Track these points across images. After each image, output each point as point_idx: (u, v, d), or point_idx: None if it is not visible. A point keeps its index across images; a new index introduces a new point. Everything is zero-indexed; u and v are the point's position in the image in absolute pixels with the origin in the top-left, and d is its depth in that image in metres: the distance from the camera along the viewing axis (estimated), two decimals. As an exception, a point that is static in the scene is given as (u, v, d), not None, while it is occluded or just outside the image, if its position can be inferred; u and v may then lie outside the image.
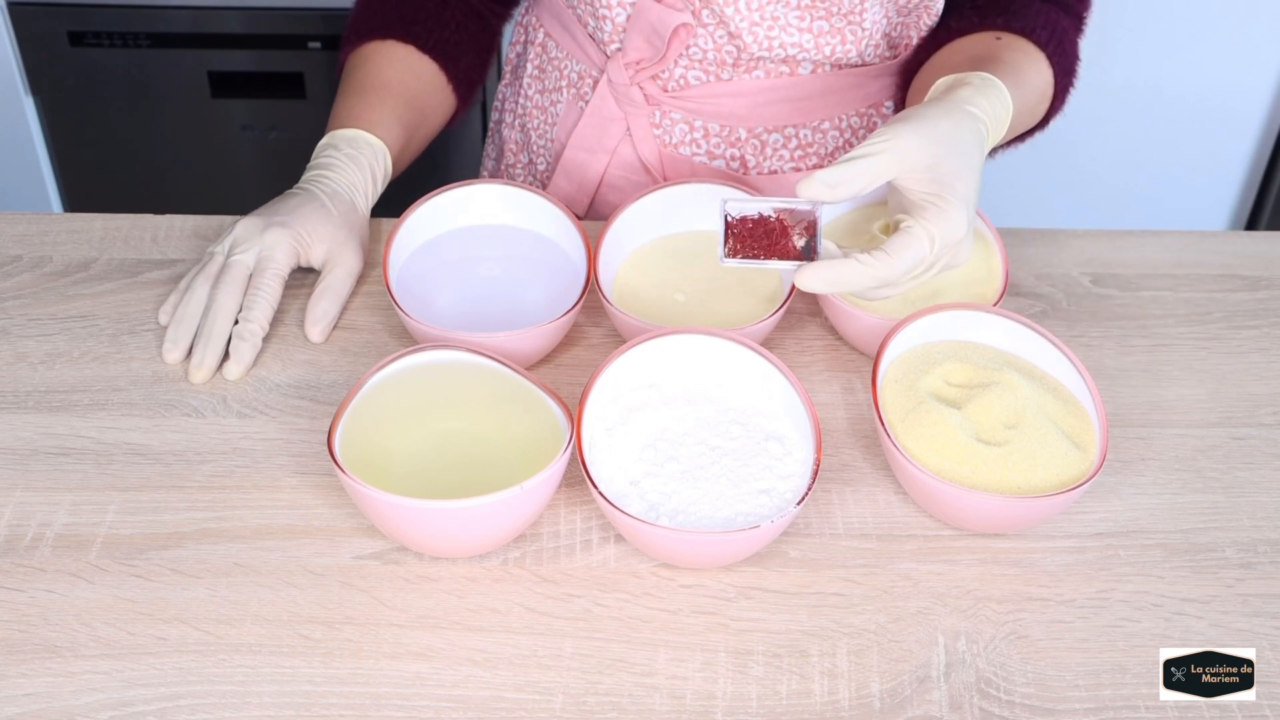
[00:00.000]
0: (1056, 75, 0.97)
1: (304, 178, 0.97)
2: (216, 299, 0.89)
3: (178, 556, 0.76)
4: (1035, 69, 0.95)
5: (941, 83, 0.88)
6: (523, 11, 1.19)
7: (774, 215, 0.79)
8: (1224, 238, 1.06)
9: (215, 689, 0.70)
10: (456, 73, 1.08)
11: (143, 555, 0.76)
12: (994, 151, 0.95)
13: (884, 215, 0.96)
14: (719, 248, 0.79)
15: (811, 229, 0.79)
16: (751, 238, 0.78)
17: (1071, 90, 0.99)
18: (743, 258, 0.78)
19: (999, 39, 0.96)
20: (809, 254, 0.78)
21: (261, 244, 0.91)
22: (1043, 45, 0.96)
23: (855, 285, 0.78)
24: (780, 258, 0.78)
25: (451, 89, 1.08)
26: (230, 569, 0.76)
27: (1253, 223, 2.26)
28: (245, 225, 0.92)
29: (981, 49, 0.95)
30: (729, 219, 0.79)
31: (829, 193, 0.76)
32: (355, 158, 0.98)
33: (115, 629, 0.72)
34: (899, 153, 0.78)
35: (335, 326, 0.93)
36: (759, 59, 1.01)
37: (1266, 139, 2.17)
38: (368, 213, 0.98)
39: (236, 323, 0.89)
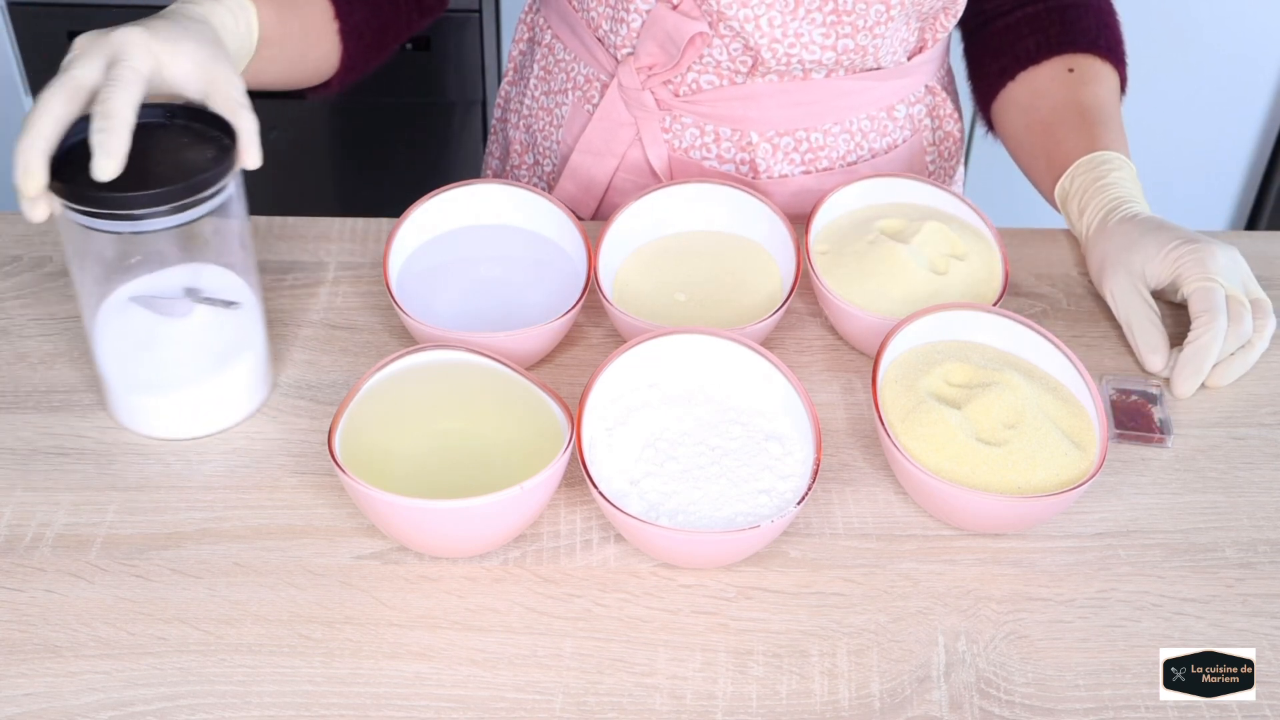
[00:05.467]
0: (1120, 72, 1.04)
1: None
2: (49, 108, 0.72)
3: (178, 556, 0.76)
4: (1111, 89, 1.02)
5: (1081, 196, 0.97)
6: (528, 10, 1.18)
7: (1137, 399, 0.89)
8: (1223, 238, 1.06)
9: (215, 689, 0.70)
10: (349, 27, 0.98)
11: (143, 555, 0.76)
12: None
13: (886, 215, 0.96)
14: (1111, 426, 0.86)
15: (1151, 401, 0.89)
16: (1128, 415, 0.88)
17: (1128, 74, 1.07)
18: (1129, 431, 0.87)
19: (1072, 71, 1.03)
20: (1166, 429, 0.87)
21: (109, 45, 0.74)
22: (1104, 54, 1.03)
23: (1213, 355, 0.87)
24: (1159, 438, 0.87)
25: (339, 38, 0.97)
26: (230, 569, 0.76)
27: (1253, 223, 2.26)
28: (82, 39, 0.76)
29: (1061, 92, 1.02)
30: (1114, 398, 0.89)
31: (1162, 365, 0.90)
32: (223, 2, 0.85)
33: (115, 629, 0.72)
34: (1131, 292, 0.91)
35: (334, 326, 0.92)
36: (775, 70, 1.01)
37: (1266, 139, 2.17)
38: (234, 53, 0.84)
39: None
